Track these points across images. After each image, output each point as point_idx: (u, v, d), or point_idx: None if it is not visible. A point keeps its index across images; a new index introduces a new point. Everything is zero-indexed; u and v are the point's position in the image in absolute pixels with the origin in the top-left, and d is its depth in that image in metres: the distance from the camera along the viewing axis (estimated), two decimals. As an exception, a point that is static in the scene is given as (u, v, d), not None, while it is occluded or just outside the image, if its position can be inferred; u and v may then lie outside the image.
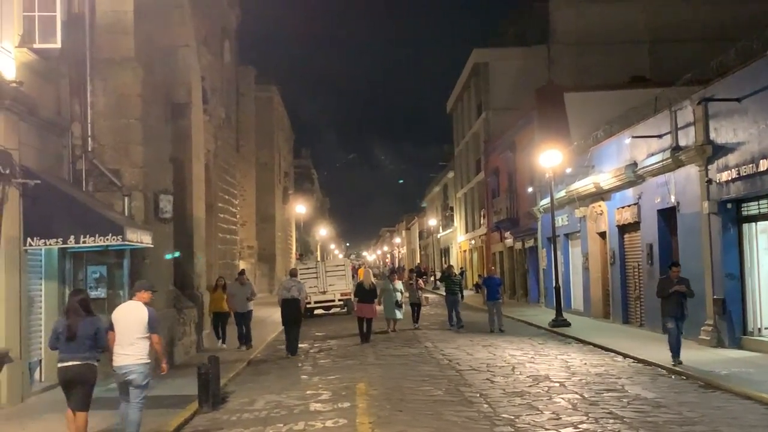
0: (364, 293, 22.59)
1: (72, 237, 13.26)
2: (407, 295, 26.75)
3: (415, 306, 26.47)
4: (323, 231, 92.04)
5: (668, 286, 15.59)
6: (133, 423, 9.87)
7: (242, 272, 23.11)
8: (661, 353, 16.29)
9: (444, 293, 27.38)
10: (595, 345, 19.42)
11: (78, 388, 9.51)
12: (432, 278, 61.77)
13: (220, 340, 21.38)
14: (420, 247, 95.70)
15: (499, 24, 56.69)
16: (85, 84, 15.31)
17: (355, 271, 69.77)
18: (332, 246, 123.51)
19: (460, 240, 61.34)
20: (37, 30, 14.10)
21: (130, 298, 10.57)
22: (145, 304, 10.10)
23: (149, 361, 10.04)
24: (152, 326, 9.93)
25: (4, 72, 12.72)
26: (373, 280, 24.03)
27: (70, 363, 9.47)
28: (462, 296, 26.70)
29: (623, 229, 24.17)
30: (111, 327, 9.91)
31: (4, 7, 12.98)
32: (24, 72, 13.44)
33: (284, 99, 60.68)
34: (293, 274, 21.76)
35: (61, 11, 14.47)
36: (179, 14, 19.84)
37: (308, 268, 33.65)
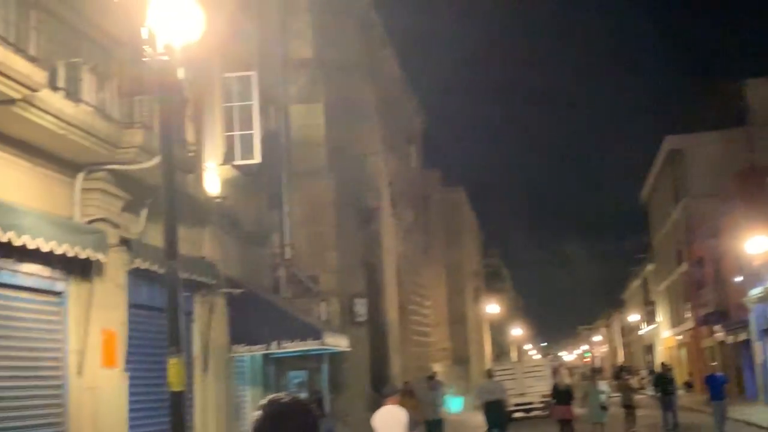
0: (560, 394, 21.90)
1: (275, 342, 13.73)
2: (617, 395, 25.56)
3: (629, 408, 24.59)
4: (518, 330, 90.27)
5: None
6: None
7: (432, 376, 22.48)
8: None
9: (656, 393, 25.47)
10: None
11: None
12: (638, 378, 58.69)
13: None
14: (623, 345, 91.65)
15: (690, 108, 54.87)
16: (282, 195, 16.12)
17: (554, 372, 67.76)
18: (528, 346, 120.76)
19: (664, 336, 58.16)
20: (238, 148, 15.09)
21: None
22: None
23: None
24: (411, 427, 10.46)
25: (209, 189, 13.63)
26: (568, 380, 23.33)
27: None
28: (676, 396, 24.80)
29: None
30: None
31: (210, 130, 14.00)
32: (227, 188, 14.33)
33: (471, 199, 61.20)
34: (491, 374, 21.39)
35: (259, 129, 15.45)
36: (367, 124, 20.67)
37: (505, 370, 32.96)
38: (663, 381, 24.50)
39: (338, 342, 14.87)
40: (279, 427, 3.03)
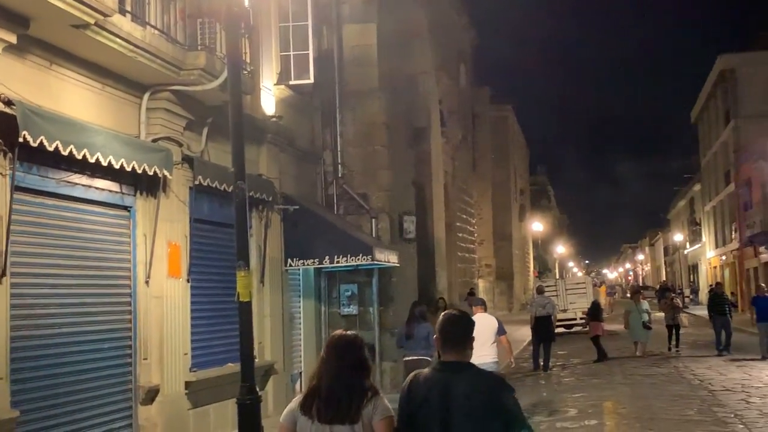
0: (590, 311, 23.51)
1: (327, 257, 14.27)
2: (661, 315, 25.74)
3: (673, 328, 24.21)
4: (561, 248, 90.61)
5: None
6: None
7: (471, 292, 22.45)
8: None
9: (709, 313, 23.89)
10: None
11: None
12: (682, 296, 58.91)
13: None
14: (666, 264, 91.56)
15: (745, 28, 53.45)
16: (335, 115, 16.45)
17: (615, 288, 68.22)
18: (570, 264, 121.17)
19: (709, 256, 58.05)
20: (292, 67, 15.35)
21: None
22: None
23: (498, 359, 11.75)
24: (501, 330, 11.91)
25: (266, 108, 14.00)
26: (601, 299, 24.45)
27: (410, 357, 12.08)
28: (731, 316, 23.31)
29: None
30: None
31: (265, 50, 14.28)
32: (282, 107, 14.68)
33: (519, 117, 60.83)
34: (541, 291, 21.92)
35: (313, 49, 15.66)
36: (419, 43, 20.71)
37: (548, 286, 33.35)
38: (718, 301, 23.42)
39: (388, 257, 15.36)
40: (343, 354, 4.33)
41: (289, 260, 14.37)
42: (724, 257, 51.56)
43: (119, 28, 8.81)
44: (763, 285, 24.26)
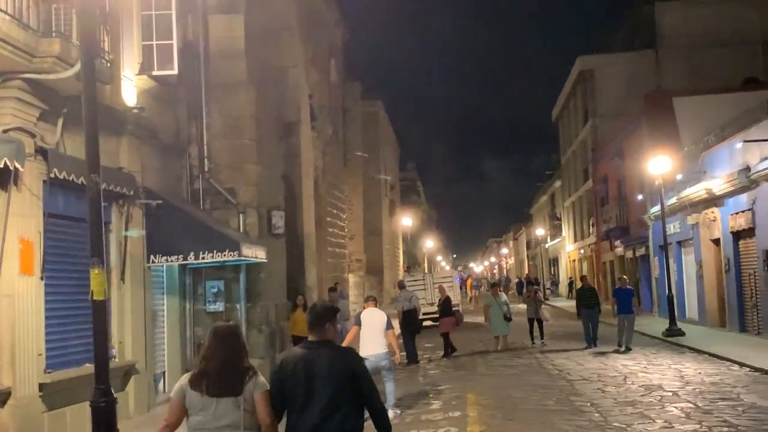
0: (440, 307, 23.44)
1: (192, 254, 13.96)
2: (523, 307, 25.75)
3: (534, 321, 24.00)
4: (430, 243, 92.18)
5: None
6: (391, 392, 13.10)
7: (333, 288, 21.45)
8: (781, 363, 15.77)
9: (577, 307, 23.60)
10: (710, 354, 18.93)
11: None
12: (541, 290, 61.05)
13: None
14: (528, 258, 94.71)
15: (603, 30, 55.89)
16: (201, 107, 16.10)
17: (463, 282, 69.78)
18: (439, 258, 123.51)
19: (568, 249, 60.47)
20: (155, 58, 14.90)
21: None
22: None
23: (387, 350, 13.15)
24: (389, 325, 13.15)
25: (126, 99, 13.55)
26: (448, 294, 24.48)
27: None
28: (599, 310, 22.96)
29: (738, 235, 23.45)
30: (358, 323, 13.17)
31: (126, 38, 13.80)
32: (144, 98, 14.25)
33: (389, 113, 61.38)
34: (402, 285, 22.22)
35: (177, 39, 15.25)
36: (288, 36, 20.52)
37: (416, 280, 33.92)
38: (586, 295, 23.24)
39: (255, 253, 15.18)
40: (226, 340, 5.34)
41: (152, 256, 13.98)
42: (582, 251, 53.80)
43: (-36, 12, 8.31)
44: (624, 277, 24.49)
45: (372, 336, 12.97)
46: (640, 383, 15.10)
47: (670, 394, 13.74)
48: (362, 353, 11.95)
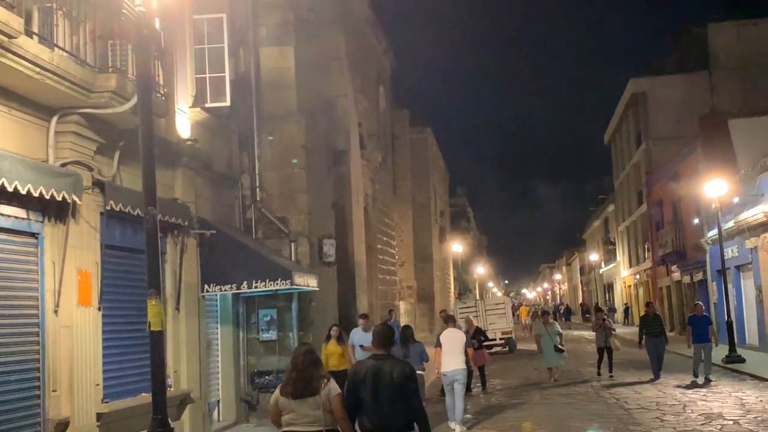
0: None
1: (245, 282, 14.06)
2: (591, 337, 24.08)
3: (605, 350, 21.90)
4: (481, 269, 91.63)
5: None
6: (460, 409, 14.17)
7: (364, 315, 17.89)
8: None
9: (640, 335, 21.30)
10: (773, 382, 18.39)
11: None
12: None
13: None
14: (582, 283, 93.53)
15: (657, 53, 55.43)
16: (253, 138, 16.29)
17: (516, 309, 69.11)
18: (490, 284, 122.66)
19: (623, 275, 59.54)
20: (208, 90, 15.15)
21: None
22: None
23: (465, 367, 14.43)
24: (469, 344, 15.11)
25: (180, 131, 13.76)
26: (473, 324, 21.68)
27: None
28: (666, 340, 21.46)
29: (799, 258, 22.85)
30: (439, 344, 14.28)
31: (180, 73, 14.05)
32: (198, 130, 14.46)
33: (438, 139, 61.37)
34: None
35: (229, 71, 15.49)
36: (337, 66, 20.72)
37: (468, 307, 33.67)
38: (651, 322, 21.15)
39: (307, 281, 15.22)
40: (305, 356, 6.95)
41: (206, 286, 14.11)
42: (637, 276, 52.94)
43: (25, 50, 8.52)
44: (699, 303, 22.39)
45: (451, 354, 14.09)
46: (700, 412, 14.72)
47: (731, 422, 13.37)
48: (443, 369, 14.16)
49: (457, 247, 65.82)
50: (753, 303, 27.28)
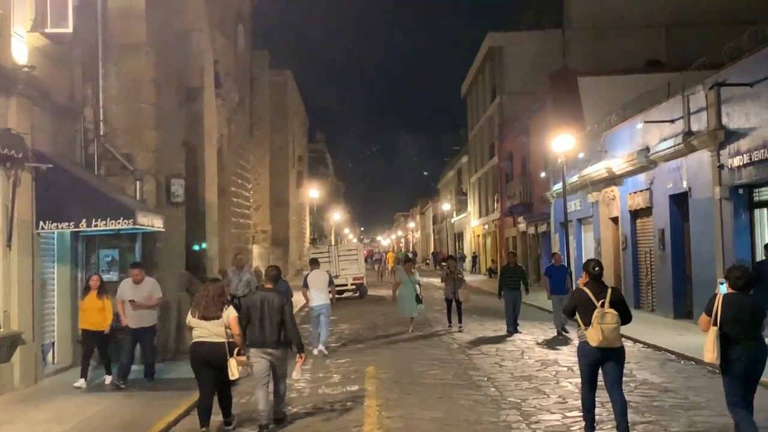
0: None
1: (84, 220, 13.40)
2: (441, 288, 22.56)
3: (453, 302, 20.84)
4: (337, 215, 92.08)
5: None
6: (325, 334, 17.19)
7: (136, 264, 14.29)
8: (671, 338, 16.28)
9: (499, 287, 20.63)
10: (605, 330, 19.30)
11: None
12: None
13: None
14: (434, 232, 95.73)
15: (513, 9, 56.41)
16: (98, 69, 15.42)
17: (378, 255, 69.81)
18: (346, 230, 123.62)
19: (473, 225, 61.32)
20: (49, 14, 14.18)
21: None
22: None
23: (328, 302, 17.31)
24: (331, 282, 17.56)
25: (16, 57, 12.83)
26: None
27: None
28: (527, 290, 20.67)
29: (635, 214, 24.12)
30: (305, 285, 17.26)
31: (16, -8, 13.04)
32: (36, 57, 13.53)
33: (299, 83, 60.69)
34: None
35: (73, -4, 14.53)
36: (192, -1, 19.84)
37: (321, 253, 33.73)
38: (511, 274, 20.46)
39: (152, 222, 14.65)
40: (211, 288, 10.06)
41: (42, 223, 13.36)
42: (486, 226, 54.65)
43: None
44: (557, 252, 22.13)
45: (318, 291, 17.02)
46: (537, 358, 15.38)
47: (566, 369, 14.02)
48: (311, 304, 17.11)
49: (314, 192, 65.77)
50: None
